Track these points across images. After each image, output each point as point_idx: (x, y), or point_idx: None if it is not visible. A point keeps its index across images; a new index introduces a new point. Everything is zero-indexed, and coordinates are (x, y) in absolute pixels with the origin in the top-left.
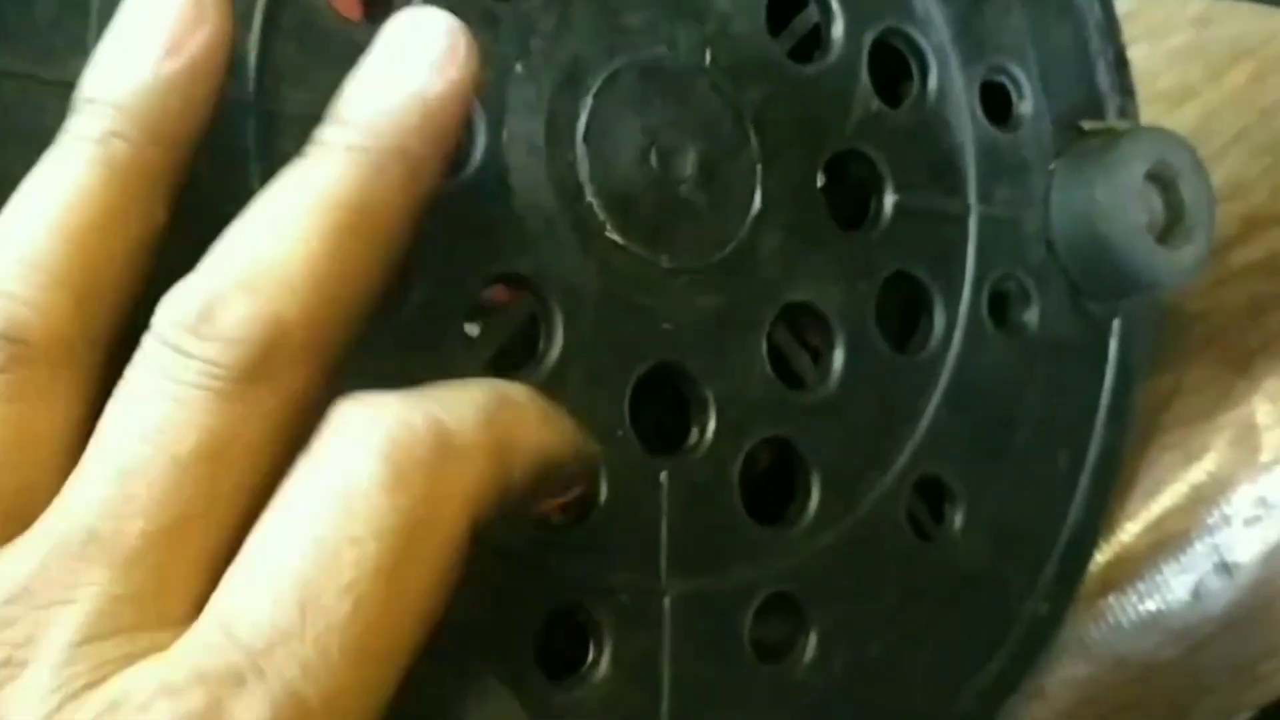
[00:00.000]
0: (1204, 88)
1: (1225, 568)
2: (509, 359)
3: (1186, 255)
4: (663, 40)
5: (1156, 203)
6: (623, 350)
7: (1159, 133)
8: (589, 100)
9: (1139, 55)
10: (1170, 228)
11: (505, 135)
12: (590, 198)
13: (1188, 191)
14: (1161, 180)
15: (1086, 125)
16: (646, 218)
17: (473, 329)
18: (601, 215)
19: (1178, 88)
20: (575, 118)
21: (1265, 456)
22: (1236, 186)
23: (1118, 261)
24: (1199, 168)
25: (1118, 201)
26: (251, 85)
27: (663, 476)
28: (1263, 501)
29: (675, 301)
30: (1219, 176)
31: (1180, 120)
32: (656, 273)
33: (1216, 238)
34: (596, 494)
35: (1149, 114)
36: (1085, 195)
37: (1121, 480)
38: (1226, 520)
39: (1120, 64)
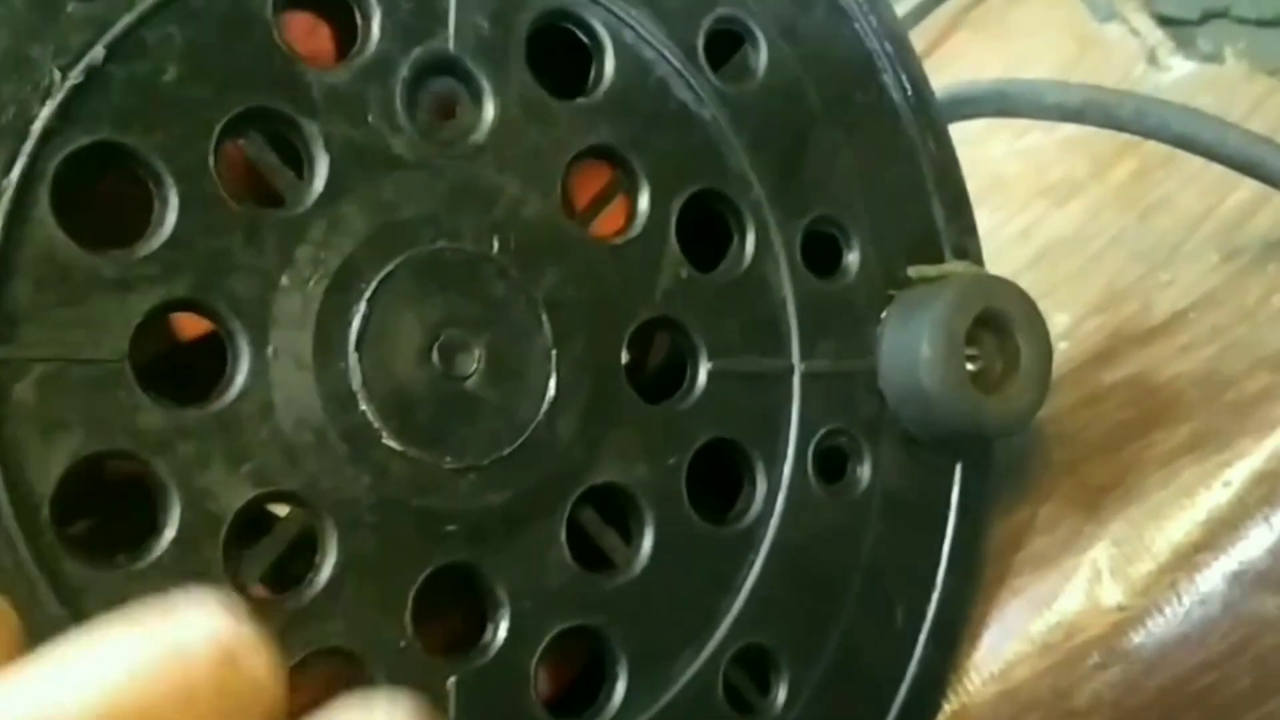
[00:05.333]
0: (1089, 183)
1: (1073, 715)
2: (283, 576)
3: (1018, 405)
4: (445, 232)
5: (991, 348)
6: (403, 558)
7: (988, 280)
8: (362, 305)
9: (1033, 144)
10: (1005, 376)
11: (270, 352)
12: (364, 405)
13: (1023, 338)
14: (995, 326)
15: (913, 272)
16: (427, 420)
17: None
18: (376, 423)
19: (1064, 182)
20: (347, 325)
21: (1108, 602)
22: (1110, 297)
23: (944, 415)
24: (1034, 314)
25: (941, 354)
26: None
27: (450, 683)
28: (1110, 650)
29: (461, 502)
30: (1095, 284)
31: (1066, 217)
32: (439, 474)
33: (1085, 352)
34: None
35: (1037, 209)
36: (911, 347)
37: (968, 629)
38: (1072, 668)
39: (959, 201)
